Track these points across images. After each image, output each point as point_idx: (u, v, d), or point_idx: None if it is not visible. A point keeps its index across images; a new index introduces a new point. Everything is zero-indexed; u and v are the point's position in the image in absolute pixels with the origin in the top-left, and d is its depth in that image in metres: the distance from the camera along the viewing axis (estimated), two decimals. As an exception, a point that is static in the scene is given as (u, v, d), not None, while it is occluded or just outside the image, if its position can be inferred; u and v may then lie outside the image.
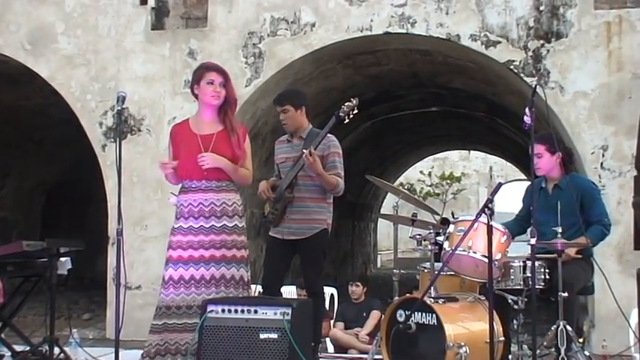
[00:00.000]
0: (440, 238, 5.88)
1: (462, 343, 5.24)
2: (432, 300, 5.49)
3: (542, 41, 9.08)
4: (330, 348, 8.19)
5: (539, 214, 5.53)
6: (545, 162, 5.92)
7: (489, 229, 5.10)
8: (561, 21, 9.03)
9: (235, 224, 5.55)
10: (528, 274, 5.44)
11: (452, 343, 5.25)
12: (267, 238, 6.39)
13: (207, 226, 5.48)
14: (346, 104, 6.23)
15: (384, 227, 23.82)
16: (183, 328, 5.39)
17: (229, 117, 5.59)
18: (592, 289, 6.31)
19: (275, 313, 4.99)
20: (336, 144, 6.24)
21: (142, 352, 5.55)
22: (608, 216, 5.96)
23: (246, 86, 9.86)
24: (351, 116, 6.24)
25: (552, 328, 5.37)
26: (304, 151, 6.01)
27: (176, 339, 5.40)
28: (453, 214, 25.15)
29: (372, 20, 9.54)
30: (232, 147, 5.51)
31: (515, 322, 5.61)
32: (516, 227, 6.11)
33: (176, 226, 5.56)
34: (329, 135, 6.19)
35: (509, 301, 5.57)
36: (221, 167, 5.49)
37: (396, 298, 5.87)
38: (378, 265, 25.84)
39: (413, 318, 5.41)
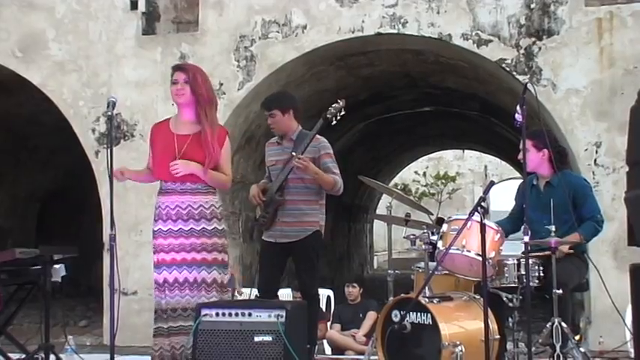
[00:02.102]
0: (434, 238, 5.87)
1: (458, 342, 5.23)
2: (427, 300, 5.48)
3: (533, 39, 9.08)
4: (328, 349, 8.18)
5: (532, 211, 5.52)
6: (532, 158, 5.90)
7: (482, 228, 5.09)
8: (552, 18, 9.04)
9: (215, 227, 5.52)
10: (522, 272, 5.43)
11: (447, 343, 5.23)
12: (261, 242, 6.38)
13: (186, 229, 5.46)
14: (333, 106, 6.21)
15: (380, 228, 23.82)
16: (169, 333, 5.38)
17: (205, 117, 5.51)
18: (587, 285, 6.31)
19: (269, 316, 4.97)
20: (326, 145, 6.22)
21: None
22: (600, 212, 5.95)
23: (238, 89, 9.86)
24: (339, 118, 6.22)
25: (547, 326, 5.36)
26: (293, 154, 5.99)
27: (160, 344, 5.38)
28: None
29: (363, 21, 9.54)
30: (205, 150, 5.45)
31: (510, 320, 5.60)
32: (510, 225, 6.10)
33: (155, 229, 5.53)
34: (318, 137, 6.17)
35: (504, 299, 5.56)
36: (194, 173, 5.45)
37: (391, 298, 5.85)
38: (375, 267, 25.83)
39: (408, 318, 5.40)
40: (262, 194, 6.24)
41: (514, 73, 9.09)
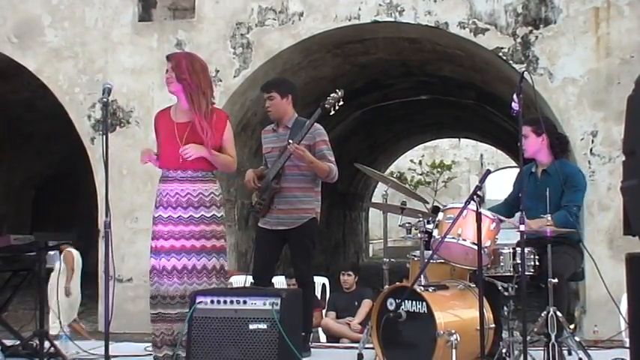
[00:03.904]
0: (429, 226, 5.85)
1: (453, 331, 5.22)
2: (422, 288, 5.47)
3: (530, 28, 9.08)
4: (322, 337, 8.18)
5: (528, 199, 5.51)
6: (531, 143, 5.89)
7: (478, 217, 5.09)
8: (549, 7, 9.03)
9: (213, 214, 5.54)
10: (518, 261, 5.42)
11: (442, 331, 5.23)
12: (257, 228, 6.38)
13: (185, 216, 5.47)
14: (332, 95, 6.20)
15: (375, 216, 23.82)
16: (170, 318, 5.39)
17: (192, 104, 5.50)
18: (582, 274, 6.30)
19: (264, 304, 4.97)
20: (321, 132, 6.22)
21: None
22: (578, 206, 5.84)
23: (234, 77, 9.84)
24: (337, 108, 6.22)
25: (542, 315, 5.36)
26: (290, 142, 5.98)
27: (161, 329, 5.40)
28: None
29: (360, 9, 9.52)
30: (204, 135, 5.45)
31: (505, 308, 5.59)
32: (503, 210, 6.07)
33: (156, 215, 5.55)
34: (314, 124, 6.17)
35: (500, 288, 5.55)
36: (204, 156, 5.45)
37: (386, 286, 5.85)
38: (370, 254, 25.85)
39: (403, 306, 5.39)
40: (258, 180, 6.24)
41: (510, 61, 9.09)
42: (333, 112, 6.25)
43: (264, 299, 5.00)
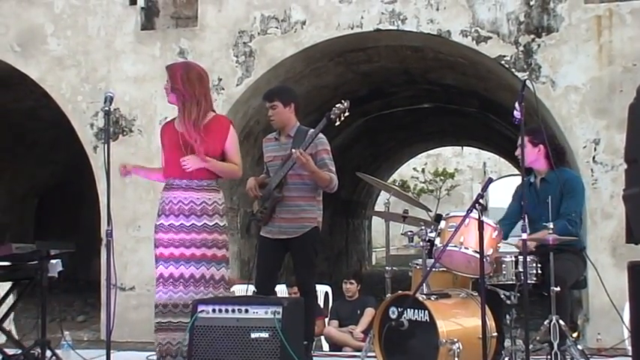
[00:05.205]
0: (432, 235, 5.85)
1: (455, 339, 5.22)
2: (425, 296, 5.46)
3: (532, 36, 9.07)
4: (325, 346, 8.17)
5: (529, 210, 5.51)
6: (528, 153, 5.90)
7: (480, 225, 5.08)
8: (552, 15, 9.02)
9: (216, 223, 5.55)
10: (520, 269, 5.42)
11: (445, 340, 5.22)
12: (258, 237, 6.37)
13: (187, 224, 5.49)
14: (337, 106, 6.21)
15: (378, 224, 23.80)
16: (168, 327, 5.40)
17: (182, 114, 5.53)
18: (585, 282, 6.30)
19: (266, 312, 4.97)
20: (324, 141, 6.21)
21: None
22: (578, 212, 5.83)
23: (237, 85, 9.85)
24: (342, 118, 6.23)
25: (545, 323, 5.35)
26: (293, 150, 5.98)
27: (168, 338, 5.40)
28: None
29: (362, 17, 9.53)
30: (207, 145, 5.46)
31: (508, 317, 5.59)
32: (508, 228, 6.04)
33: (157, 223, 5.58)
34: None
35: (502, 296, 5.54)
36: (205, 167, 5.47)
37: (389, 295, 5.84)
38: (373, 263, 25.83)
39: (405, 315, 5.39)
40: (259, 188, 6.24)
41: (513, 69, 9.08)
42: (338, 123, 6.27)
43: (265, 308, 5.00)
